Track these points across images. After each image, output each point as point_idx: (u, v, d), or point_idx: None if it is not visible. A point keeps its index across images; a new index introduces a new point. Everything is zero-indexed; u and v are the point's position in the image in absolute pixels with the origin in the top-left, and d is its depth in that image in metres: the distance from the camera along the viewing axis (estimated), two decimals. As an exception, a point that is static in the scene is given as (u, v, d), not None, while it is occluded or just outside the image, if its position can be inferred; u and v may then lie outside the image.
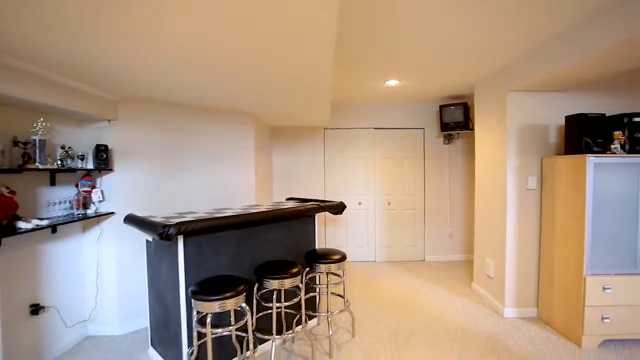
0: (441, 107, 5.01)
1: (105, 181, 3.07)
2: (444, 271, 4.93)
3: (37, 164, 2.41)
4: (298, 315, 2.98)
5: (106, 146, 2.94)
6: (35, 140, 2.42)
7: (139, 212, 2.95)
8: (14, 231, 2.15)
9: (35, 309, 2.53)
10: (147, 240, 2.69)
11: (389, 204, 5.53)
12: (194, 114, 3.57)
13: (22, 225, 2.22)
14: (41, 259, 2.63)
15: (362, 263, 5.44)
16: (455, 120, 4.87)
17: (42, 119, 2.46)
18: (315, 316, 3.27)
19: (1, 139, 2.24)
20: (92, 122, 3.02)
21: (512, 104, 3.31)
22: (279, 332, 2.76)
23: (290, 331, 2.74)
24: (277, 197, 5.53)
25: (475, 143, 4.09)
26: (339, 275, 3.09)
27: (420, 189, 5.50)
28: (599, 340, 2.80)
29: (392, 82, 4.11)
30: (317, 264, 2.89)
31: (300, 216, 3.09)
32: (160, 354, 2.65)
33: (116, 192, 3.09)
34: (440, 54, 3.06)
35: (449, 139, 5.36)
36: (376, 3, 2.12)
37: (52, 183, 2.71)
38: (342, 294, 3.13)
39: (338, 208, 3.34)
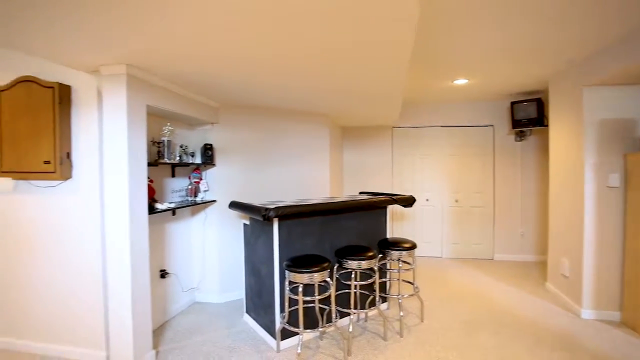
0: (512, 103, 4.93)
1: (209, 174, 3.70)
2: (514, 270, 4.86)
3: (165, 159, 3.05)
4: (371, 297, 3.29)
5: (211, 145, 3.56)
6: (164, 140, 3.06)
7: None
8: (154, 210, 2.77)
9: (163, 274, 3.20)
10: (244, 224, 3.22)
11: (456, 201, 5.57)
12: (278, 116, 4.07)
13: (158, 206, 2.86)
14: (165, 235, 3.29)
15: (428, 258, 5.56)
16: (528, 116, 4.77)
17: (169, 124, 3.11)
18: (386, 299, 3.55)
19: (144, 140, 2.90)
20: (200, 125, 3.67)
21: (589, 99, 3.24)
22: (356, 308, 3.09)
23: (364, 310, 3.06)
24: (347, 191, 5.90)
25: (550, 139, 4.01)
26: (409, 263, 3.33)
27: (489, 187, 5.45)
28: (691, 345, 2.67)
29: (461, 82, 4.20)
30: (389, 251, 3.17)
31: (374, 207, 3.40)
32: (255, 319, 3.15)
33: (217, 183, 3.70)
34: (513, 51, 3.12)
35: (520, 135, 5.24)
36: (448, 6, 2.33)
37: (173, 175, 3.37)
38: (411, 281, 3.36)
39: (409, 201, 3.58)
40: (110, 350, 2.49)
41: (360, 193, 4.19)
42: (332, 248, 3.11)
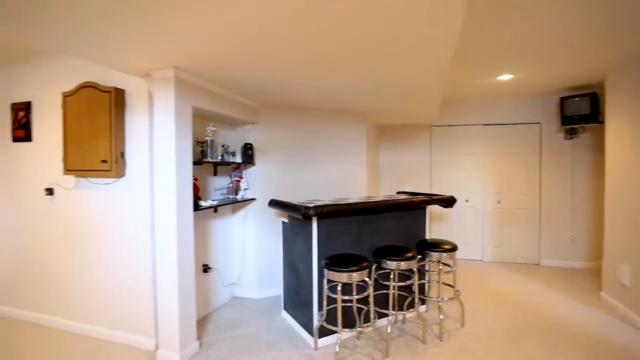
0: (562, 99, 4.63)
1: (249, 173, 3.80)
2: (563, 277, 4.56)
3: (208, 158, 3.17)
4: (410, 299, 3.23)
5: (251, 144, 3.65)
6: (207, 140, 3.18)
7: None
8: (198, 207, 2.90)
9: (205, 268, 3.34)
10: (283, 222, 3.28)
11: (498, 202, 5.32)
12: (316, 116, 4.10)
13: (202, 203, 2.98)
14: (208, 231, 3.43)
15: (468, 261, 5.37)
16: (580, 112, 4.46)
17: (211, 124, 3.23)
18: (425, 302, 3.47)
19: (189, 139, 3.03)
20: (241, 125, 3.78)
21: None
22: (394, 309, 3.04)
23: (403, 311, 3.01)
24: (383, 191, 5.84)
25: (606, 137, 3.73)
26: (449, 265, 3.24)
27: (534, 188, 5.16)
28: None
29: (505, 77, 4.01)
30: (429, 252, 3.09)
31: (413, 207, 3.33)
32: (292, 316, 3.20)
33: (256, 182, 3.79)
34: (565, 42, 2.93)
35: (571, 133, 4.91)
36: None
37: (215, 173, 3.50)
38: (451, 284, 3.26)
39: (449, 201, 3.48)
40: (159, 338, 2.64)
41: (398, 193, 4.12)
42: (370, 248, 3.08)
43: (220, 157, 3.39)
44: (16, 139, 3.27)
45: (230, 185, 3.61)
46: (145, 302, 2.77)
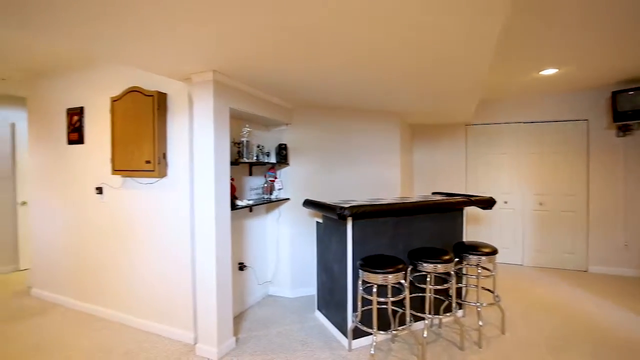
0: (614, 93, 4.31)
1: (283, 173, 3.85)
2: (615, 285, 4.24)
3: (244, 158, 3.24)
4: (446, 302, 3.14)
5: (285, 145, 3.70)
6: (243, 141, 3.26)
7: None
8: (235, 207, 2.97)
9: (241, 267, 3.42)
10: (317, 222, 3.29)
11: (540, 204, 5.05)
12: (349, 116, 4.09)
13: (239, 203, 3.05)
14: (243, 230, 3.51)
15: (507, 265, 5.13)
16: (635, 107, 4.13)
17: (247, 126, 3.30)
18: (462, 306, 3.35)
19: (226, 141, 3.12)
20: (275, 126, 3.84)
21: None
22: (430, 313, 2.97)
23: (439, 316, 2.93)
24: (416, 192, 5.71)
25: (667, 134, 3.42)
26: (488, 269, 3.11)
27: (581, 189, 4.84)
28: None
29: (549, 72, 3.80)
30: (467, 255, 2.99)
31: (450, 208, 3.23)
32: (326, 316, 3.20)
33: (290, 182, 3.84)
34: (619, 32, 2.73)
35: (624, 130, 4.55)
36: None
37: (250, 173, 3.58)
38: (491, 289, 3.13)
39: (488, 203, 3.34)
40: (198, 332, 2.73)
41: (434, 193, 4.01)
42: (406, 249, 3.03)
43: (255, 158, 3.46)
44: (71, 142, 3.51)
45: (265, 185, 3.67)
46: (185, 297, 2.88)
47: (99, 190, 3.32)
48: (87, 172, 3.41)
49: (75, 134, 3.47)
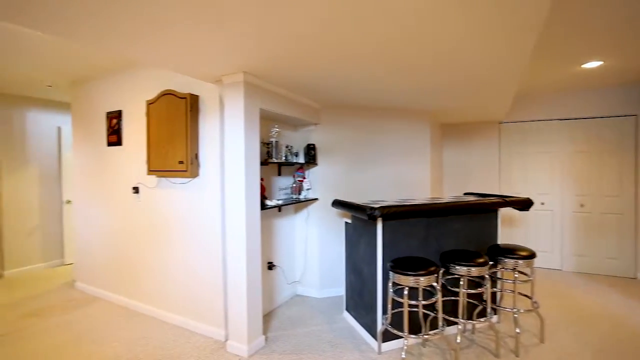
0: (667, 87, 3.99)
1: (311, 173, 3.86)
2: (667, 293, 3.93)
3: (273, 158, 3.27)
4: (480, 307, 3.02)
5: (314, 145, 3.70)
6: (272, 141, 3.29)
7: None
8: (264, 206, 3.00)
9: (270, 266, 3.45)
10: (346, 222, 3.27)
11: (581, 205, 4.76)
12: (378, 115, 4.04)
13: (268, 202, 3.08)
14: (272, 230, 3.55)
15: (545, 270, 4.88)
16: (692, 102, 3.80)
17: (276, 126, 3.33)
18: (497, 312, 3.22)
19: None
20: (303, 126, 3.86)
21: None
22: (463, 318, 2.87)
23: (473, 321, 2.82)
24: (446, 192, 5.56)
25: None
26: (526, 274, 2.97)
27: (628, 190, 4.51)
28: None
29: (592, 64, 3.57)
30: (503, 259, 2.86)
31: (484, 209, 3.11)
32: (355, 317, 3.17)
33: (319, 182, 3.84)
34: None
35: (678, 127, 4.21)
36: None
37: (279, 173, 3.61)
38: (529, 294, 2.98)
39: (524, 204, 3.18)
40: (229, 329, 2.78)
41: (466, 194, 3.88)
42: (437, 251, 2.94)
43: (284, 158, 3.49)
44: (110, 144, 3.69)
45: (294, 185, 3.69)
46: (216, 295, 2.94)
47: (136, 189, 3.46)
48: (125, 173, 3.57)
49: (114, 136, 3.64)
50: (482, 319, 2.81)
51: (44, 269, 4.96)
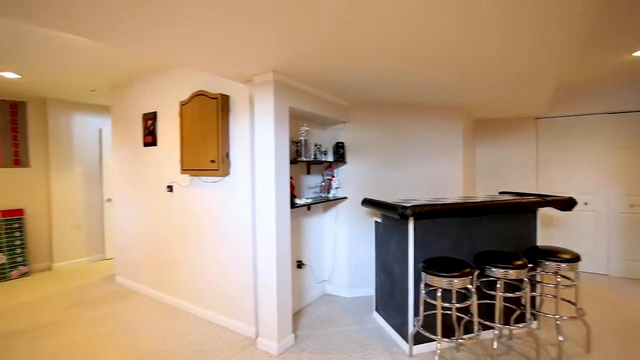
0: None
1: (340, 171, 3.83)
2: None
3: (302, 157, 3.27)
4: (518, 312, 2.87)
5: (343, 143, 3.68)
6: (301, 140, 3.29)
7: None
8: (294, 205, 3.01)
9: (299, 264, 3.46)
10: (375, 222, 3.21)
11: (631, 206, 4.42)
12: (408, 112, 3.95)
13: (297, 201, 3.09)
14: (301, 228, 3.56)
15: (589, 275, 4.58)
16: None
17: (305, 124, 3.33)
18: (537, 317, 3.05)
19: (285, 140, 3.18)
20: (332, 124, 3.84)
21: None
22: (500, 323, 2.74)
23: (510, 326, 2.68)
24: (479, 190, 5.35)
25: None
26: (569, 278, 2.79)
27: (686, 189, 4.14)
28: None
29: (646, 52, 3.29)
30: (543, 262, 2.70)
31: (522, 209, 2.96)
32: (384, 318, 3.12)
33: (348, 180, 3.80)
34: None
35: None
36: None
37: (308, 172, 3.61)
38: (572, 300, 2.80)
39: (566, 203, 3.00)
40: (259, 327, 2.81)
41: (501, 193, 3.71)
42: (471, 252, 2.83)
43: (313, 156, 3.48)
44: (146, 144, 3.85)
45: (323, 183, 3.68)
46: (247, 292, 2.98)
47: (170, 188, 3.58)
48: (160, 172, 3.70)
49: (150, 137, 3.78)
50: (520, 325, 2.67)
51: (87, 263, 5.27)
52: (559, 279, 2.66)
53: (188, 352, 2.74)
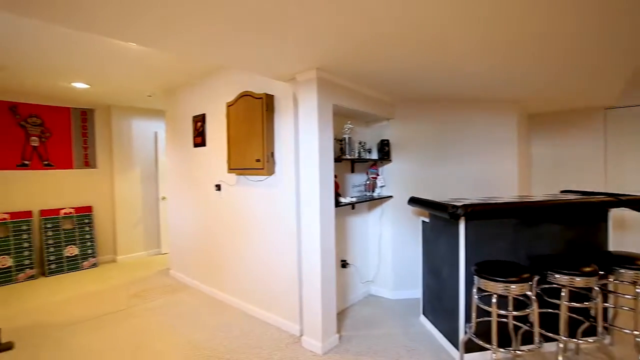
0: None
1: (385, 170, 3.74)
2: None
3: (346, 155, 3.23)
4: (586, 324, 2.59)
5: (387, 140, 3.58)
6: (345, 138, 3.25)
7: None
8: (338, 203, 2.98)
9: (344, 264, 3.43)
10: (422, 221, 3.08)
11: None
12: (456, 107, 3.74)
13: (342, 200, 3.06)
14: (346, 227, 3.52)
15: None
16: None
17: (349, 122, 3.28)
18: (609, 331, 2.73)
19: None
20: (376, 122, 3.75)
21: None
22: (565, 335, 2.49)
23: (577, 340, 2.43)
24: (535, 189, 4.95)
25: None
26: (650, 289, 2.46)
27: None
28: None
29: None
30: (618, 269, 2.41)
31: (590, 210, 2.67)
32: (433, 323, 2.98)
33: (393, 179, 3.70)
34: None
35: None
36: None
37: (352, 170, 3.56)
38: (654, 314, 2.47)
39: (647, 204, 2.65)
40: (304, 325, 2.82)
41: (563, 192, 3.39)
42: (529, 256, 2.61)
43: (357, 154, 3.42)
44: (196, 145, 4.04)
45: (367, 182, 3.61)
46: (292, 290, 3.01)
47: (218, 187, 3.73)
48: (209, 171, 3.87)
49: (199, 138, 3.96)
50: (590, 339, 2.41)
51: (145, 256, 5.67)
52: (638, 290, 2.35)
53: (235, 345, 2.82)
